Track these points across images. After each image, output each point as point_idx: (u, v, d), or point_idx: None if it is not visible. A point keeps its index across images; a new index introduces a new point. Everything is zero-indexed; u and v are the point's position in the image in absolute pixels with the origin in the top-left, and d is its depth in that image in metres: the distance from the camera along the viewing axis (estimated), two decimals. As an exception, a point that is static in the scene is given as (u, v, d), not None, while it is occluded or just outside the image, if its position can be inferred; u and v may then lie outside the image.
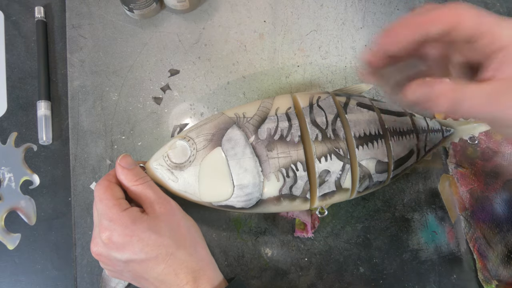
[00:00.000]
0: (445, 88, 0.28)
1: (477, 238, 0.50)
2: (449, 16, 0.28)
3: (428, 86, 0.29)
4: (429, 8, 0.30)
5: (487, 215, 0.50)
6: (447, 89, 0.28)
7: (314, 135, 0.41)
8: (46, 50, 0.54)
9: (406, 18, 0.29)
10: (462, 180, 0.52)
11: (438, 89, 0.28)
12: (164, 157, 0.41)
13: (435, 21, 0.29)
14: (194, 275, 0.36)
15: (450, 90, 0.28)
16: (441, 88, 0.28)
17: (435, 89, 0.28)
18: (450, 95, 0.28)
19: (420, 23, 0.29)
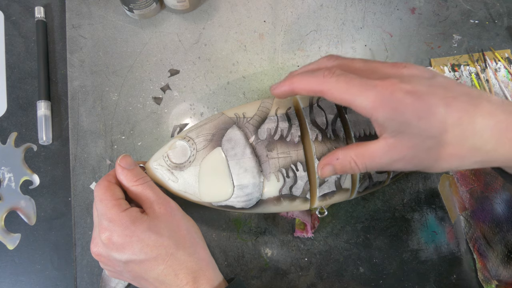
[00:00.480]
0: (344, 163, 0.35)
1: (477, 238, 0.49)
2: (314, 88, 0.34)
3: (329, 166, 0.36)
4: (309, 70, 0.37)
5: (487, 215, 0.50)
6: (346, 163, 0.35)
7: (314, 135, 0.41)
8: (46, 50, 0.54)
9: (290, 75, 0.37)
10: (462, 180, 0.52)
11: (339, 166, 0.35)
12: (164, 157, 0.41)
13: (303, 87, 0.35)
14: (194, 275, 0.36)
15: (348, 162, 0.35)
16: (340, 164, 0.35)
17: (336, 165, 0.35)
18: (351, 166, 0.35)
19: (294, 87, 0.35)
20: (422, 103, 0.30)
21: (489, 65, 0.55)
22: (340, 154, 0.35)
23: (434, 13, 0.57)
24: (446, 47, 0.56)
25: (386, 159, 0.33)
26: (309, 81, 0.34)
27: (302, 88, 0.35)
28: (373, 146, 0.33)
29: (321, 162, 0.36)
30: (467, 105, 0.31)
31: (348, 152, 0.34)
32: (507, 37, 0.57)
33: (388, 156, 0.33)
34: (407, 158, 0.32)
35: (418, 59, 0.55)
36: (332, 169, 0.36)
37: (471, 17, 0.57)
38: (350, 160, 0.34)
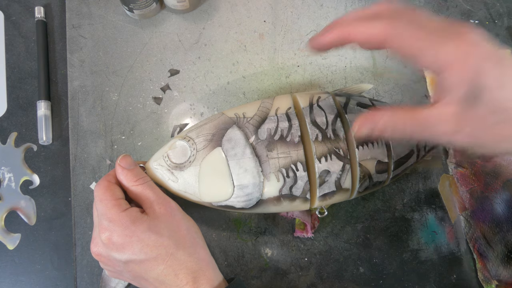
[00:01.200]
0: (386, 122, 0.30)
1: (477, 238, 0.49)
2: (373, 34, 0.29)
3: (370, 123, 0.31)
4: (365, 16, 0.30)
5: (487, 215, 0.50)
6: (389, 122, 0.30)
7: (314, 135, 0.41)
8: (46, 50, 0.54)
9: (338, 23, 0.30)
10: (462, 180, 0.52)
11: (380, 124, 0.30)
12: (164, 157, 0.41)
13: (358, 35, 0.29)
14: (194, 275, 0.36)
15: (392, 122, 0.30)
16: (383, 123, 0.30)
17: (378, 124, 0.30)
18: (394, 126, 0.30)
19: (348, 33, 0.30)
20: (508, 70, 0.27)
21: (489, 65, 0.55)
22: (386, 115, 0.30)
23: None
24: (446, 47, 0.56)
25: (442, 128, 0.29)
26: (369, 25, 0.29)
27: (361, 34, 0.29)
28: (432, 110, 0.28)
29: (360, 119, 0.31)
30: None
31: (397, 113, 0.30)
32: (507, 37, 0.57)
33: (447, 125, 0.28)
34: (467, 132, 0.28)
35: (418, 59, 0.55)
36: (371, 128, 0.31)
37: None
38: (397, 122, 0.30)
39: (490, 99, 0.27)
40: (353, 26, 0.29)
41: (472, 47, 0.27)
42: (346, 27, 0.30)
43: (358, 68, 0.54)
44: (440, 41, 0.27)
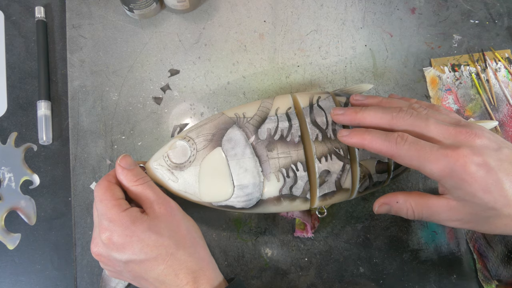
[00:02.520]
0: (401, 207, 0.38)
1: (477, 238, 0.49)
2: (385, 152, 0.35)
3: (387, 206, 0.39)
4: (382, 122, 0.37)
5: (487, 215, 0.50)
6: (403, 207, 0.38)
7: (314, 135, 0.41)
8: (46, 50, 0.54)
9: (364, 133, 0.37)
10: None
11: (395, 206, 0.38)
12: (164, 157, 0.41)
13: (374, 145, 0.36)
14: (194, 275, 0.36)
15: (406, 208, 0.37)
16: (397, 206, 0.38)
17: (394, 207, 0.38)
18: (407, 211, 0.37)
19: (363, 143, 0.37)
20: (490, 177, 0.32)
21: (489, 65, 0.55)
22: (401, 198, 0.37)
23: (434, 13, 0.57)
24: (446, 47, 0.56)
25: (444, 216, 0.36)
26: (381, 144, 0.35)
27: (373, 148, 0.36)
28: (435, 201, 0.36)
29: (380, 200, 0.39)
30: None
31: (409, 199, 0.37)
32: (507, 37, 0.57)
33: (447, 215, 0.35)
34: (464, 220, 0.35)
35: (418, 59, 0.55)
36: (388, 209, 0.39)
37: (471, 17, 0.57)
38: (409, 207, 0.37)
39: (479, 201, 0.33)
40: (370, 139, 0.36)
41: (465, 160, 0.32)
42: (364, 138, 0.36)
43: (358, 68, 0.54)
44: (435, 158, 0.33)
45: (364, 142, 0.36)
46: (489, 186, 0.32)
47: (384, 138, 0.35)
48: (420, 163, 0.34)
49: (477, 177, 0.32)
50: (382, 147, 0.35)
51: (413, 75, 0.55)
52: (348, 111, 0.39)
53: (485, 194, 0.32)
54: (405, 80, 0.54)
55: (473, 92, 0.55)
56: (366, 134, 0.36)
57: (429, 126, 0.35)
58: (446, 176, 0.33)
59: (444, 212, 0.35)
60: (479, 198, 0.32)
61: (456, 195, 0.34)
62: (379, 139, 0.36)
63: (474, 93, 0.55)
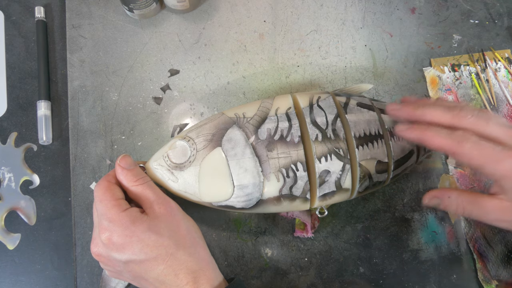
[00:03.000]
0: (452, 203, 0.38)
1: (477, 238, 0.49)
2: (447, 149, 0.35)
3: (438, 199, 0.39)
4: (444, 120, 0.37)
5: (487, 215, 0.50)
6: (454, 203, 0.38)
7: (314, 135, 0.41)
8: (46, 50, 0.54)
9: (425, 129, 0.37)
10: (462, 180, 0.52)
11: (446, 201, 0.38)
12: (164, 157, 0.41)
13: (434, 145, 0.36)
14: (194, 275, 0.36)
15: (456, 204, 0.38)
16: (448, 202, 0.38)
17: (444, 201, 0.39)
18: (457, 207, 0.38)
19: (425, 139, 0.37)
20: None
21: (489, 65, 0.55)
22: (454, 194, 0.38)
23: (434, 13, 0.57)
24: (446, 47, 0.56)
25: (494, 216, 0.36)
26: (443, 141, 0.35)
27: (435, 144, 0.36)
28: (488, 201, 0.36)
29: (432, 193, 0.40)
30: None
31: (462, 195, 0.38)
32: (507, 37, 0.57)
33: (498, 215, 0.36)
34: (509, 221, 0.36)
35: (418, 59, 0.55)
36: (438, 203, 0.39)
37: (471, 17, 0.57)
38: (460, 204, 0.37)
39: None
40: (431, 135, 0.36)
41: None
42: (425, 134, 0.36)
43: (358, 68, 0.54)
44: (496, 159, 0.33)
45: (425, 138, 0.36)
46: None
47: (446, 135, 0.35)
48: (481, 163, 0.34)
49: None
50: (444, 144, 0.35)
51: (413, 75, 0.55)
52: (405, 107, 0.39)
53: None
54: (405, 80, 0.54)
55: (473, 92, 0.55)
56: (428, 130, 0.36)
57: (491, 127, 0.35)
58: (508, 177, 0.33)
59: (496, 212, 0.36)
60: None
61: (510, 197, 0.35)
62: (441, 136, 0.35)
63: (474, 93, 0.55)
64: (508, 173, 0.33)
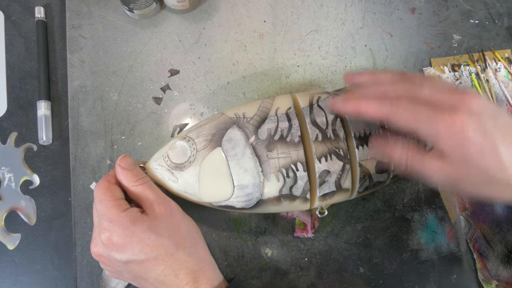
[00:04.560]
0: (398, 151, 0.36)
1: (477, 238, 0.49)
2: (382, 115, 0.35)
3: (384, 144, 0.38)
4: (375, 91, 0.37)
5: (487, 215, 0.50)
6: (399, 152, 0.36)
7: (314, 135, 0.41)
8: (46, 50, 0.54)
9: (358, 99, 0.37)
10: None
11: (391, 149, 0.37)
12: (164, 157, 0.41)
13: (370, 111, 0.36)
14: (194, 275, 0.36)
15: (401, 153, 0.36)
16: (394, 149, 0.37)
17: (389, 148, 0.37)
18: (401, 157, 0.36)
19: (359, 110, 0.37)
20: (487, 142, 0.32)
21: (489, 65, 0.55)
22: (399, 146, 0.37)
23: (434, 13, 0.57)
24: (446, 47, 0.56)
25: (435, 174, 0.35)
26: (376, 108, 0.35)
27: (369, 113, 0.36)
28: (431, 158, 0.35)
29: (378, 142, 0.38)
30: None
31: (407, 148, 0.36)
32: (507, 37, 0.57)
33: (439, 174, 0.35)
34: (455, 183, 0.35)
35: (418, 59, 0.55)
36: (384, 147, 0.38)
37: (471, 17, 0.57)
38: (404, 157, 0.36)
39: (474, 164, 0.33)
40: (365, 104, 0.36)
41: (462, 124, 0.32)
42: (359, 105, 0.36)
43: (358, 68, 0.54)
44: (432, 121, 0.33)
45: (359, 109, 0.36)
46: (485, 150, 0.32)
47: (378, 102, 0.35)
48: (416, 126, 0.33)
49: (473, 141, 0.32)
50: (377, 112, 0.35)
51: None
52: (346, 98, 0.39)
53: (480, 158, 0.32)
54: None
55: (473, 92, 0.55)
56: (361, 100, 0.36)
57: (424, 91, 0.35)
58: (444, 139, 0.33)
59: (437, 171, 0.35)
60: (474, 162, 0.32)
61: (451, 157, 0.33)
62: (374, 104, 0.35)
63: (474, 93, 0.54)
64: (441, 135, 0.33)
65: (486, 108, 0.33)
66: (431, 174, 0.35)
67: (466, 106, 0.33)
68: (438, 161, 0.34)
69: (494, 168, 0.32)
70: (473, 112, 0.32)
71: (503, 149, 0.32)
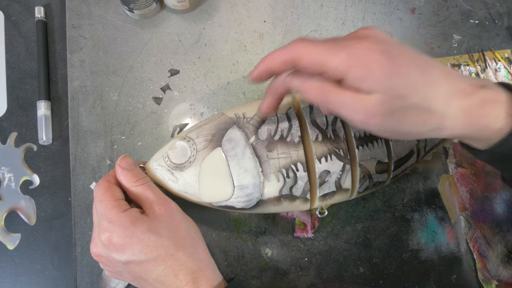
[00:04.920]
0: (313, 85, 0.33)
1: (477, 238, 0.50)
2: (285, 57, 0.33)
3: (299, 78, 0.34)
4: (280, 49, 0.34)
5: (487, 215, 0.50)
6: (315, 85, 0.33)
7: (314, 135, 0.41)
8: (46, 50, 0.54)
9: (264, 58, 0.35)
10: (462, 180, 0.52)
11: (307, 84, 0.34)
12: (164, 157, 0.41)
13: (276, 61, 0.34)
14: (194, 276, 0.36)
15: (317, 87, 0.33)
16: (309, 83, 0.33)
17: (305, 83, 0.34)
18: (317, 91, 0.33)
19: (267, 63, 0.34)
20: (394, 63, 0.31)
21: (489, 65, 0.55)
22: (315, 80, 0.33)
23: (434, 13, 0.57)
24: (446, 47, 0.56)
25: (351, 107, 0.32)
26: (280, 52, 0.33)
27: (276, 61, 0.34)
28: (345, 91, 0.32)
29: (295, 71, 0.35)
30: (436, 70, 0.33)
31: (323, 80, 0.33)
32: (507, 37, 0.57)
33: (354, 105, 0.32)
34: (371, 113, 0.32)
35: (418, 59, 0.55)
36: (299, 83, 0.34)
37: (471, 17, 0.57)
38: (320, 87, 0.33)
39: (384, 88, 0.31)
40: (269, 57, 0.34)
41: (368, 47, 0.31)
42: (264, 60, 0.34)
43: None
44: (339, 49, 0.31)
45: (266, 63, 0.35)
46: (394, 71, 0.31)
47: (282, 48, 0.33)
48: (324, 58, 0.31)
49: (381, 62, 0.31)
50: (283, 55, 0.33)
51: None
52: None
53: (391, 79, 0.31)
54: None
55: (473, 92, 0.54)
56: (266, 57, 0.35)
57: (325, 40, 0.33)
58: (351, 66, 0.31)
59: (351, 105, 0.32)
60: (385, 85, 0.31)
61: (363, 88, 0.31)
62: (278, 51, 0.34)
63: (474, 93, 0.54)
64: (348, 63, 0.31)
65: (390, 39, 0.33)
66: (345, 111, 0.33)
67: (372, 36, 0.32)
68: (352, 95, 0.32)
69: (407, 90, 0.31)
70: (378, 39, 0.32)
71: (411, 71, 0.31)
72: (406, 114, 0.32)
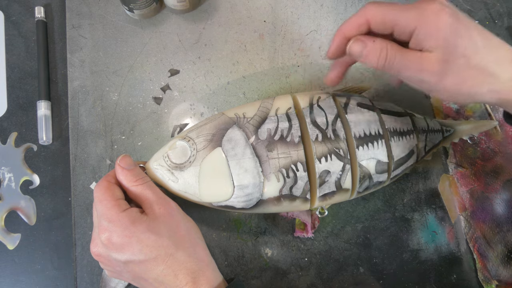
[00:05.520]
0: (376, 47, 0.35)
1: (477, 238, 0.50)
2: (358, 20, 0.36)
3: (362, 43, 0.36)
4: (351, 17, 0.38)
5: (487, 215, 0.50)
6: (378, 47, 0.35)
7: (314, 135, 0.41)
8: (46, 50, 0.54)
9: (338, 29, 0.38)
10: (462, 180, 0.52)
11: (370, 47, 0.36)
12: (164, 157, 0.41)
13: (351, 25, 0.36)
14: (194, 276, 0.36)
15: (380, 48, 0.35)
16: (372, 46, 0.36)
17: (368, 46, 0.36)
18: (380, 53, 0.35)
19: (342, 32, 0.37)
20: (461, 24, 0.34)
21: (489, 65, 0.55)
22: (378, 39, 0.36)
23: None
24: (446, 47, 0.56)
25: (415, 65, 0.35)
26: (354, 17, 0.36)
27: (351, 26, 0.36)
28: (410, 50, 0.35)
29: (357, 37, 0.37)
30: (495, 38, 0.36)
31: (386, 41, 0.35)
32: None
33: (419, 64, 0.34)
34: (435, 71, 0.34)
35: (418, 59, 0.55)
36: (361, 48, 0.36)
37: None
38: (384, 48, 0.35)
39: (451, 47, 0.33)
40: (341, 28, 0.37)
41: (438, 8, 0.34)
42: (338, 31, 0.37)
43: (358, 68, 0.54)
44: (409, 8, 0.34)
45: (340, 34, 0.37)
46: (460, 31, 0.33)
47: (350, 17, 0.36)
48: (395, 15, 0.34)
49: (449, 23, 0.33)
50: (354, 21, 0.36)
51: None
52: None
53: (457, 38, 0.33)
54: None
55: (473, 92, 0.54)
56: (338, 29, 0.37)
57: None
58: (422, 24, 0.34)
59: (416, 61, 0.35)
60: (452, 44, 0.33)
61: (429, 44, 0.34)
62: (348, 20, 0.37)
63: (474, 93, 0.54)
64: (422, 20, 0.34)
65: (452, 4, 0.35)
66: (412, 66, 0.35)
67: (438, 1, 0.34)
68: (417, 52, 0.35)
69: (470, 50, 0.34)
70: (445, 3, 0.34)
71: (476, 33, 0.34)
72: (467, 73, 0.34)
